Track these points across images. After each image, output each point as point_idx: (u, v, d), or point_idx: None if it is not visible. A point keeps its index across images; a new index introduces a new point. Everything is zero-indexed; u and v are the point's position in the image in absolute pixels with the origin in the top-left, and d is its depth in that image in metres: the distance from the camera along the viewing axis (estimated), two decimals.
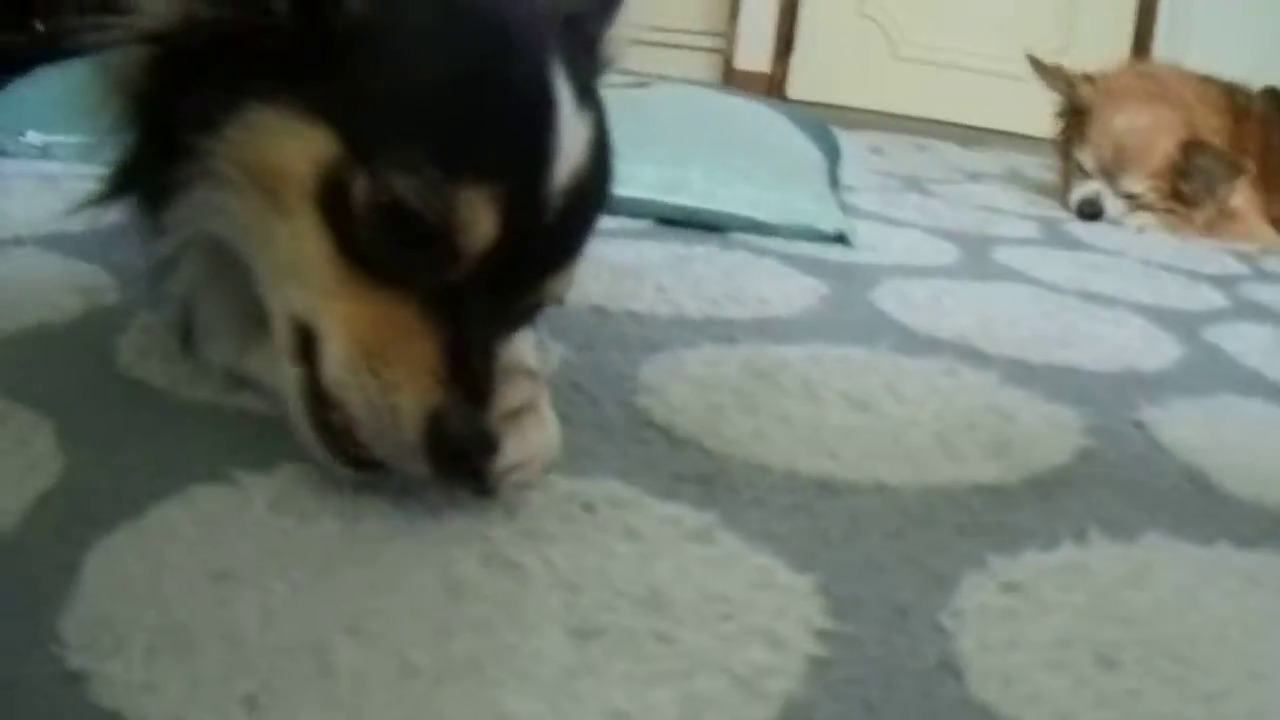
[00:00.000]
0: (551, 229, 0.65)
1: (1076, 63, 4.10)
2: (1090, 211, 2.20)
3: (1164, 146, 2.17)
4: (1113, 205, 2.21)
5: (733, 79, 4.27)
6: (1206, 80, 2.36)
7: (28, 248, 1.12)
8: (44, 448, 0.71)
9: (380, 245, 0.62)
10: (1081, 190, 2.24)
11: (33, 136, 1.47)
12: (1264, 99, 2.32)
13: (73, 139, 1.41)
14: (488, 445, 0.64)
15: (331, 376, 0.64)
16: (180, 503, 0.66)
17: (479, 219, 0.62)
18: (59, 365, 0.86)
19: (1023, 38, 4.01)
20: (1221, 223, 2.21)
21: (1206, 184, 2.15)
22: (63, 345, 0.89)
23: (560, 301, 0.73)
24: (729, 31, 4.45)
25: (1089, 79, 2.31)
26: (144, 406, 0.79)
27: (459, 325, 0.63)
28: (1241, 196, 2.23)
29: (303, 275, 0.65)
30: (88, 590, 0.57)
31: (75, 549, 0.60)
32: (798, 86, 4.42)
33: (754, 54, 4.39)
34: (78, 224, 1.15)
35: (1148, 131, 2.18)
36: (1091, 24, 4.33)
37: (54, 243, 1.13)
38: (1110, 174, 2.21)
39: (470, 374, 0.63)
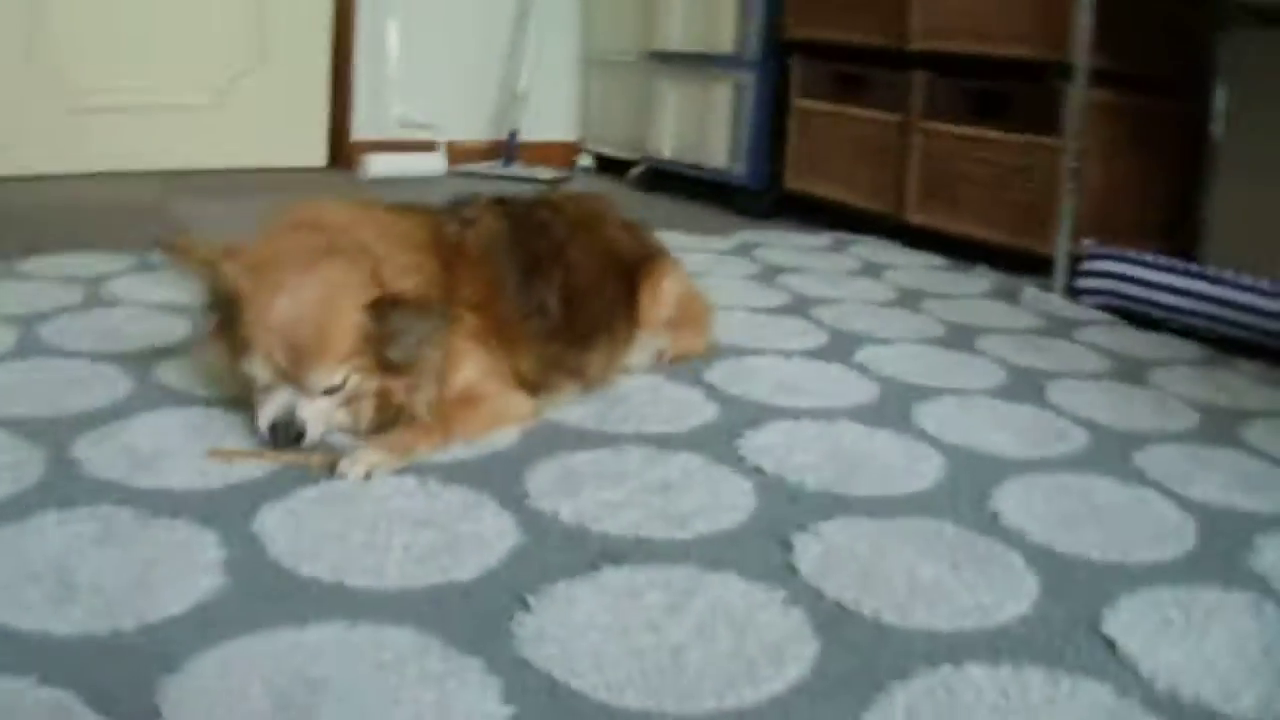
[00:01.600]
0: None
1: (275, 81, 4.26)
2: (292, 434, 1.53)
3: (347, 320, 1.51)
4: (315, 417, 1.54)
5: None
6: (400, 211, 1.72)
7: None
8: None
9: None
10: (271, 407, 1.54)
11: None
12: (486, 213, 1.78)
13: None
14: None
15: None
16: None
17: None
18: None
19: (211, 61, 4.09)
20: (464, 410, 1.62)
21: (418, 340, 1.53)
22: None
23: None
24: None
25: (233, 254, 1.55)
26: None
27: None
28: (473, 364, 1.64)
29: None
30: None
31: None
32: None
33: None
34: None
35: (321, 307, 1.50)
36: (287, 33, 4.26)
37: None
38: (295, 377, 1.52)
39: None
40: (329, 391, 1.54)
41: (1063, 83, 2.81)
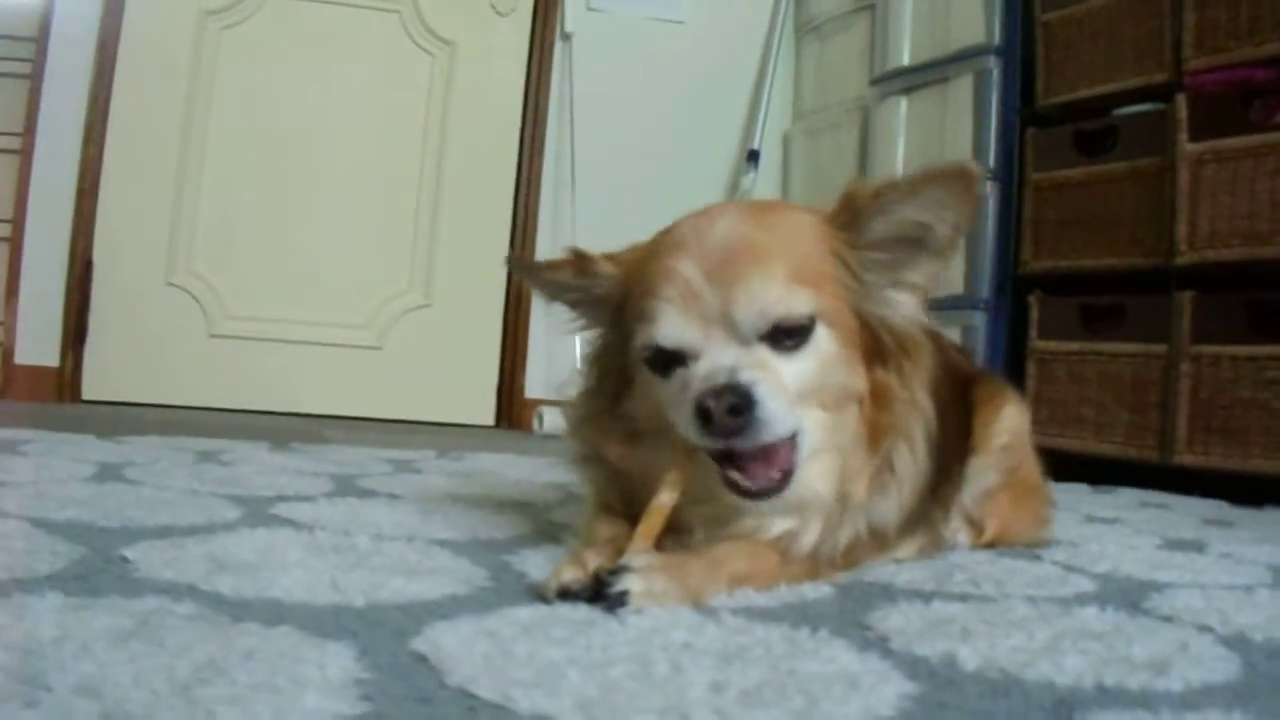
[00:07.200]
0: None
1: (442, 325, 3.60)
2: (728, 401, 0.93)
3: (804, 225, 1.05)
4: (768, 380, 0.96)
5: (13, 380, 3.36)
6: None
7: None
8: None
9: None
10: (696, 384, 0.96)
11: None
12: None
13: None
14: None
15: None
16: None
17: None
18: None
19: (371, 294, 3.67)
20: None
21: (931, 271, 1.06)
22: None
23: None
24: (6, 318, 3.42)
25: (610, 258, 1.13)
26: None
27: None
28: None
29: None
30: None
31: None
32: (95, 384, 3.49)
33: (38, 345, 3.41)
34: None
35: (763, 215, 1.08)
36: (459, 272, 3.77)
37: None
38: (728, 307, 0.97)
39: None
40: (785, 337, 0.98)
41: None
